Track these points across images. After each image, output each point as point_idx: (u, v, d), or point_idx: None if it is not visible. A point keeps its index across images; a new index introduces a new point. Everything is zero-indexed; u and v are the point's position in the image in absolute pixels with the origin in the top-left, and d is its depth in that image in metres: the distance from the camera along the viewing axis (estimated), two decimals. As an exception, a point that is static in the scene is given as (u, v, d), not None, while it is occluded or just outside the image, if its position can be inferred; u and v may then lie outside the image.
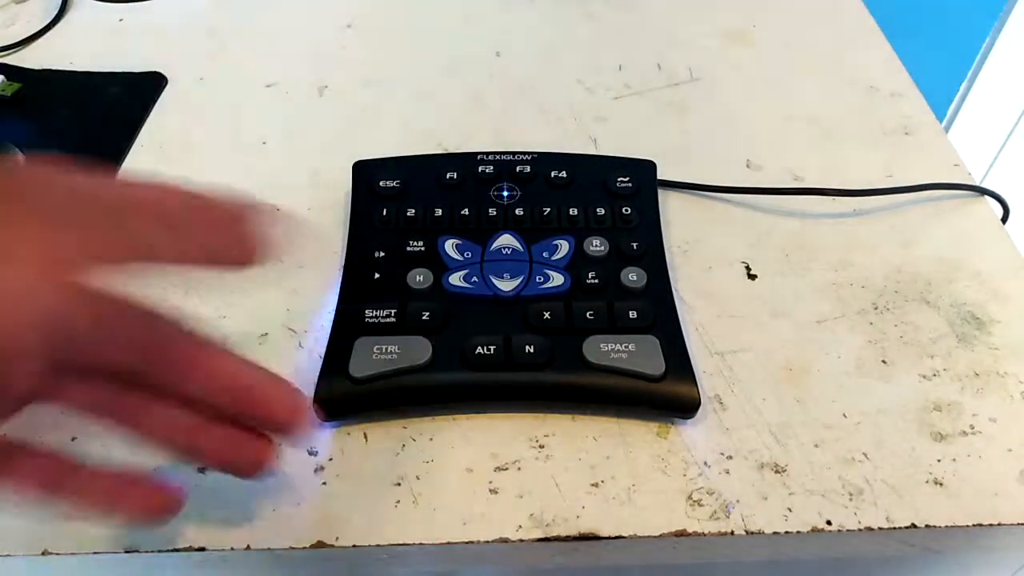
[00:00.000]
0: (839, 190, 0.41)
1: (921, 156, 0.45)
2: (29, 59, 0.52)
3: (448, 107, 0.49)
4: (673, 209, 0.42)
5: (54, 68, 0.51)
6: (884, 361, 0.35)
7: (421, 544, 0.29)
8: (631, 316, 0.34)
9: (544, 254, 0.37)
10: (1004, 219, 0.42)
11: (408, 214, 0.38)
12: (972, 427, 0.33)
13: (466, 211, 0.38)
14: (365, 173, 0.41)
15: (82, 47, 0.54)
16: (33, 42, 0.54)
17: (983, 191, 0.43)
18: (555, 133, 0.47)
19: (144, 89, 0.50)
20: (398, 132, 0.47)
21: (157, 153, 0.46)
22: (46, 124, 0.47)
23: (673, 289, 0.36)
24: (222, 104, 0.49)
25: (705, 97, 0.50)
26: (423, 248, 0.37)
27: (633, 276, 0.36)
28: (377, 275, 0.36)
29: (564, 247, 0.37)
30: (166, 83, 0.51)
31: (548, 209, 0.39)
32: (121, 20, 0.56)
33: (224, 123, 0.48)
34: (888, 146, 0.46)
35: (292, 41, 0.55)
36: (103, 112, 0.48)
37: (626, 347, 0.33)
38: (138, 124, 0.47)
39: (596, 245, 0.37)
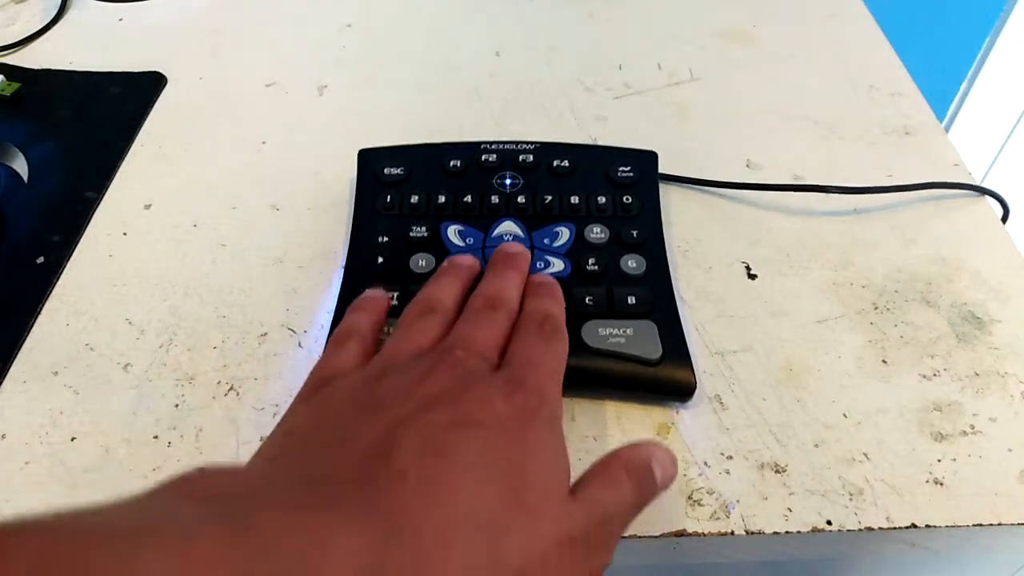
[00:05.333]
0: (839, 187, 0.41)
1: (921, 156, 0.45)
2: (29, 59, 0.52)
3: (448, 107, 0.49)
4: (674, 208, 0.42)
5: (54, 68, 0.51)
6: (884, 361, 0.35)
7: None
8: (630, 301, 0.34)
9: (545, 240, 0.37)
10: (1004, 219, 0.42)
11: (412, 200, 0.39)
12: (972, 427, 0.33)
13: (469, 198, 0.39)
14: (370, 160, 0.41)
15: (82, 47, 0.54)
16: (33, 42, 0.54)
17: (983, 191, 0.43)
18: (555, 132, 0.47)
19: (144, 89, 0.50)
20: (398, 132, 0.47)
21: (157, 153, 0.46)
22: (46, 124, 0.47)
23: (672, 281, 0.36)
24: (222, 104, 0.49)
25: (705, 97, 0.50)
26: (426, 233, 0.37)
27: (632, 263, 0.36)
28: (381, 259, 0.36)
29: (565, 234, 0.37)
30: (166, 83, 0.51)
31: (550, 197, 0.39)
32: (121, 20, 0.56)
33: (224, 123, 0.48)
34: (888, 146, 0.46)
35: (292, 41, 0.55)
36: (103, 112, 0.48)
37: (624, 331, 0.33)
38: (138, 124, 0.47)
39: (596, 232, 0.37)
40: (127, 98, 0.49)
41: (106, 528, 0.17)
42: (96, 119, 0.48)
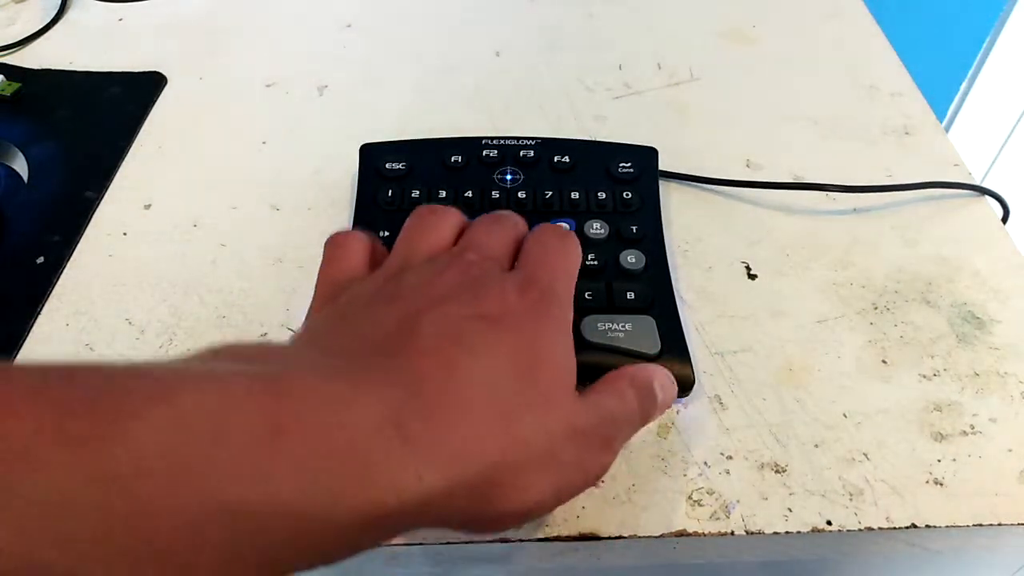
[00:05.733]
0: (839, 186, 0.41)
1: (921, 156, 0.45)
2: (29, 59, 0.52)
3: (448, 107, 0.49)
4: (674, 208, 0.42)
5: (54, 68, 0.51)
6: (884, 361, 0.35)
7: (421, 544, 0.29)
8: (629, 297, 0.34)
9: None
10: (1004, 219, 0.42)
11: (413, 195, 0.39)
12: (972, 427, 0.33)
13: (470, 193, 0.39)
14: (371, 155, 0.41)
15: (82, 47, 0.54)
16: (33, 42, 0.54)
17: (983, 191, 0.43)
18: (555, 133, 0.47)
19: (144, 89, 0.50)
20: (398, 132, 0.47)
21: (157, 153, 0.46)
22: (46, 124, 0.47)
23: (672, 278, 0.36)
24: (222, 104, 0.49)
25: (705, 97, 0.50)
26: None
27: (632, 258, 0.36)
28: None
29: (565, 229, 0.37)
30: (166, 83, 0.51)
31: (550, 192, 0.39)
32: (121, 20, 0.56)
33: (224, 123, 0.48)
34: (888, 146, 0.46)
35: (292, 41, 0.55)
36: (103, 112, 0.48)
37: (623, 326, 0.33)
38: (138, 124, 0.47)
39: (596, 228, 0.37)
40: (127, 98, 0.49)
41: (146, 370, 0.19)
42: (96, 119, 0.48)
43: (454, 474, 0.20)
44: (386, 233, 0.37)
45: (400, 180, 0.40)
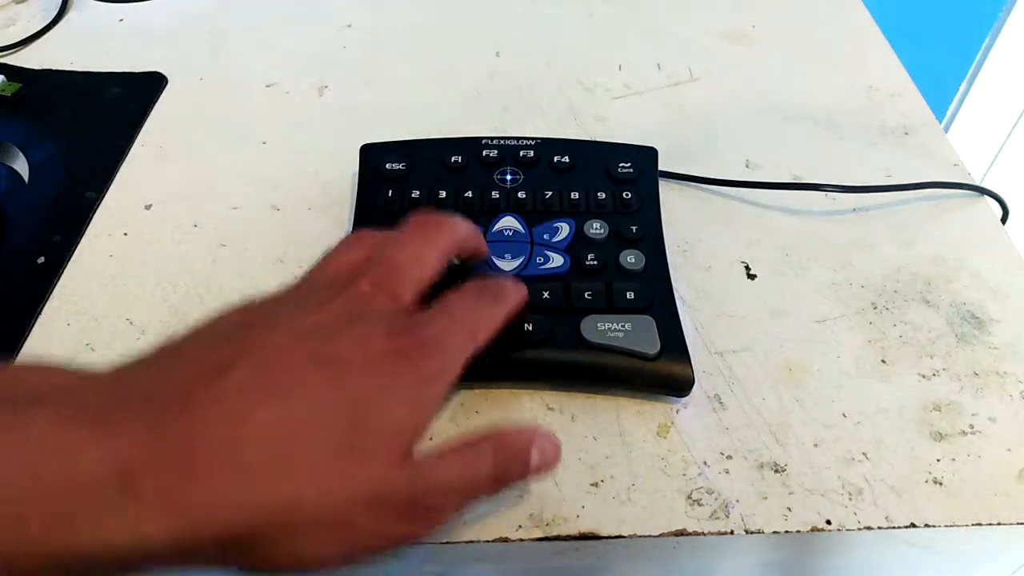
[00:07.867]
0: (838, 186, 0.42)
1: (921, 156, 0.45)
2: (29, 59, 0.52)
3: (448, 107, 0.49)
4: (673, 208, 0.42)
5: (54, 68, 0.51)
6: (884, 361, 0.35)
7: (421, 543, 0.30)
8: (628, 297, 0.34)
9: (545, 236, 0.37)
10: (1004, 219, 0.42)
11: (413, 196, 0.39)
12: (971, 427, 0.33)
13: (470, 194, 0.39)
14: (372, 156, 0.41)
15: (82, 47, 0.54)
16: (33, 42, 0.54)
17: (983, 191, 0.43)
18: (555, 133, 0.47)
19: (144, 89, 0.50)
20: (398, 132, 0.47)
21: (157, 153, 0.46)
22: (46, 124, 0.47)
23: (671, 278, 0.36)
24: (222, 104, 0.49)
25: (705, 97, 0.50)
26: None
27: (631, 258, 0.36)
28: None
29: (565, 229, 0.38)
30: (166, 83, 0.51)
31: (550, 193, 0.39)
32: (121, 20, 0.56)
33: (224, 123, 0.48)
34: (888, 146, 0.46)
35: (292, 41, 0.55)
36: (103, 112, 0.48)
37: (623, 326, 0.33)
38: (138, 124, 0.47)
39: (596, 228, 0.37)
40: (127, 98, 0.49)
41: None
42: (97, 119, 0.48)
43: (187, 532, 0.19)
44: None
45: (400, 180, 0.40)
